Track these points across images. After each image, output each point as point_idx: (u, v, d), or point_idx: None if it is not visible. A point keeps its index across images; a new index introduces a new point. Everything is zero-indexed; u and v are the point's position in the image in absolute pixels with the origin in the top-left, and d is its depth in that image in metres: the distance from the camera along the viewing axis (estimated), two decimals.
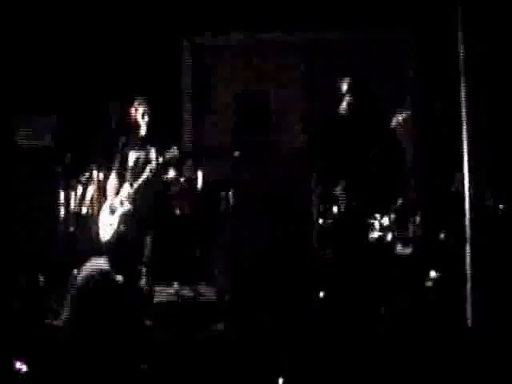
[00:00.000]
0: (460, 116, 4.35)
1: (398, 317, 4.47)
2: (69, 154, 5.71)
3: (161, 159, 5.06)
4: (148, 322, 4.64)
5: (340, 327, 4.35)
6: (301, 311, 4.74)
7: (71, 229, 5.70)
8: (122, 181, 5.28)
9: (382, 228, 4.87)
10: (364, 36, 6.83)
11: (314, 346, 4.09)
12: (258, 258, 5.64)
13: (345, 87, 5.07)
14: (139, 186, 5.16)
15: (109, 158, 5.36)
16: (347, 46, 6.98)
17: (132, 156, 5.27)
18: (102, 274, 3.89)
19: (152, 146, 5.24)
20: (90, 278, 3.87)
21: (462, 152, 4.34)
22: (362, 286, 4.65)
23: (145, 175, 5.12)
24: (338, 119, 5.10)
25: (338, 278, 4.77)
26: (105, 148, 5.48)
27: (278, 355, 3.97)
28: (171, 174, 5.26)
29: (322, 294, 4.85)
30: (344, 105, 5.11)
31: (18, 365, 3.71)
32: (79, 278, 3.89)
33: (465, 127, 4.36)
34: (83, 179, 5.68)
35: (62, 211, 5.68)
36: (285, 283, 5.34)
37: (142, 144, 5.28)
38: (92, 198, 5.63)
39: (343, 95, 5.06)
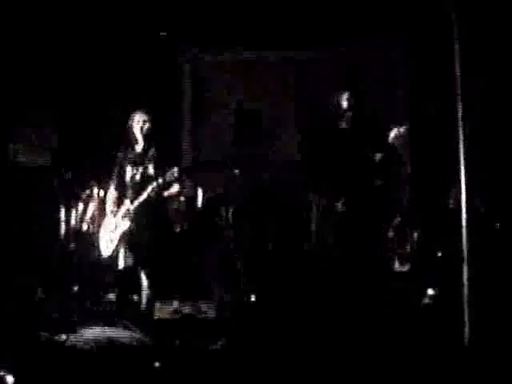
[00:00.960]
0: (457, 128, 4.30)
1: (395, 334, 4.46)
2: (69, 171, 5.75)
3: (161, 180, 5.02)
4: (148, 340, 4.66)
5: (336, 345, 4.35)
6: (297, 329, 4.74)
7: (72, 245, 5.74)
8: (121, 197, 5.28)
9: (381, 245, 4.87)
10: (358, 48, 6.80)
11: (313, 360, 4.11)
12: (258, 271, 5.67)
13: (342, 101, 5.05)
14: (140, 204, 5.15)
15: (108, 173, 5.36)
16: (343, 59, 6.98)
17: (131, 172, 5.26)
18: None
19: (151, 160, 5.23)
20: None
21: (460, 167, 4.30)
22: (360, 301, 4.65)
23: (145, 194, 5.10)
24: (336, 132, 5.09)
25: (336, 293, 4.78)
26: (104, 164, 5.47)
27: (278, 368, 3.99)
28: (171, 191, 5.23)
29: (319, 309, 4.85)
30: (342, 118, 5.09)
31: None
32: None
33: (461, 141, 4.31)
34: (84, 196, 5.70)
35: (63, 228, 5.73)
36: (283, 296, 5.38)
37: (141, 159, 5.27)
38: (93, 215, 5.65)
39: (341, 109, 5.04)
